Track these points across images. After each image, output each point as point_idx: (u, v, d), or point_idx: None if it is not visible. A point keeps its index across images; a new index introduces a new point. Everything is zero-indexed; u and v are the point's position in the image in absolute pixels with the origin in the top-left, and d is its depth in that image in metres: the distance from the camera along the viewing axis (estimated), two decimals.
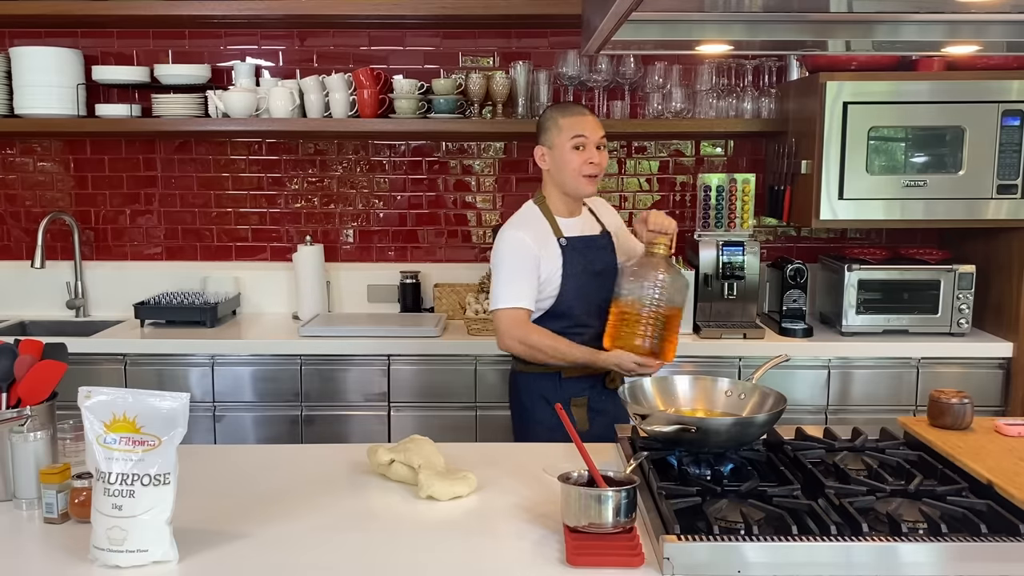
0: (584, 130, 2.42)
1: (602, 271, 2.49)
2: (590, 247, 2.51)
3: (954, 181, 3.07)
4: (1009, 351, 3.11)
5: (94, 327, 3.38)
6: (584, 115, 2.47)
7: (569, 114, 2.46)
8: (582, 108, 2.51)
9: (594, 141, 2.44)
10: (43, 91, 3.35)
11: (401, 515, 1.67)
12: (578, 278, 2.46)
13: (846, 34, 2.19)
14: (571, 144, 2.42)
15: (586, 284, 2.47)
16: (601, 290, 2.47)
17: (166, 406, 1.46)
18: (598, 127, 2.46)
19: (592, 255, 2.50)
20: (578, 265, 2.47)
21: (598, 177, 2.48)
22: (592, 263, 2.49)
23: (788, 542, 1.43)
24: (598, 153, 2.45)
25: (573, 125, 2.43)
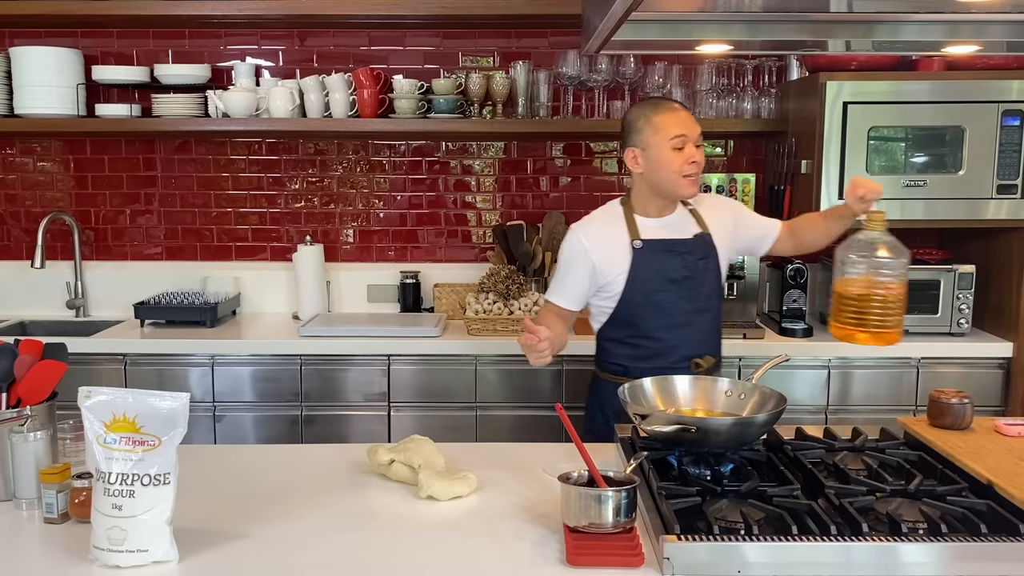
0: (683, 128, 2.24)
1: (681, 280, 2.30)
2: (671, 252, 2.31)
3: (954, 181, 3.07)
4: (1009, 351, 3.11)
5: (94, 327, 3.38)
6: (679, 111, 2.27)
7: (663, 111, 2.27)
8: (673, 103, 2.31)
9: (693, 139, 2.25)
10: (43, 91, 3.35)
11: (401, 515, 1.67)
12: (647, 284, 2.29)
13: (846, 34, 2.19)
14: (670, 144, 2.23)
15: (658, 292, 2.29)
16: (677, 299, 2.29)
17: (166, 406, 1.46)
18: (694, 123, 2.28)
19: (671, 261, 2.30)
20: (649, 270, 2.29)
21: (697, 177, 2.28)
22: (669, 269, 2.30)
23: (788, 542, 1.43)
24: (697, 151, 2.26)
25: (670, 123, 2.24)
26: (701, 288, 2.32)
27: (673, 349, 2.31)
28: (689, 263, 2.31)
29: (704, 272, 2.32)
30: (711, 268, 2.34)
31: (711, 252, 2.35)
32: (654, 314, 2.31)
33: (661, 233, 2.33)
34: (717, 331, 2.42)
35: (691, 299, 2.31)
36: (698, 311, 2.33)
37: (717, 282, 2.37)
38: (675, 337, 2.31)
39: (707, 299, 2.34)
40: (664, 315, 2.30)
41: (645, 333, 2.32)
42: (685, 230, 2.35)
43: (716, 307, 2.39)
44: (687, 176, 2.25)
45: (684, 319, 2.31)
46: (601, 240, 2.33)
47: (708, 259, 2.34)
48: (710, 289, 2.35)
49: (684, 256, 2.31)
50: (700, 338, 2.34)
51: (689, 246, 2.32)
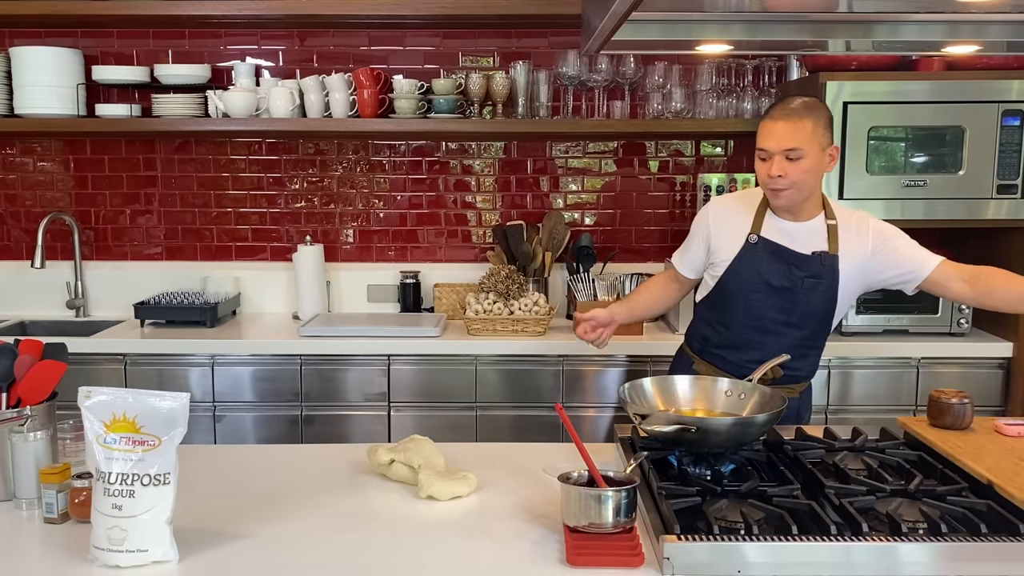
0: (768, 142, 2.15)
1: (780, 288, 2.23)
2: (781, 259, 2.23)
3: (954, 181, 3.07)
4: (1009, 351, 3.11)
5: (94, 327, 3.38)
6: (776, 122, 2.15)
7: (767, 118, 2.18)
8: (779, 110, 2.17)
9: (779, 152, 2.13)
10: (43, 91, 3.35)
11: (401, 515, 1.67)
12: (745, 280, 2.26)
13: (846, 34, 2.18)
14: (758, 154, 2.19)
15: (752, 291, 2.26)
16: (769, 306, 2.25)
17: (166, 406, 1.46)
18: (784, 136, 2.12)
19: (777, 267, 2.23)
20: (753, 268, 2.25)
21: (788, 191, 2.16)
22: (771, 274, 2.23)
23: (788, 542, 1.43)
24: (786, 164, 2.13)
25: (761, 133, 2.17)
26: (799, 305, 2.24)
27: (748, 349, 2.29)
28: (795, 277, 2.23)
29: (810, 291, 2.23)
30: (820, 289, 2.23)
31: (827, 274, 2.23)
32: (742, 311, 2.29)
33: (782, 237, 2.25)
34: (808, 347, 2.32)
35: (784, 311, 2.25)
36: (789, 324, 2.26)
37: (824, 304, 2.25)
38: (756, 339, 2.28)
39: (802, 317, 2.26)
40: (751, 316, 2.28)
41: (728, 325, 2.32)
42: (808, 243, 2.24)
43: (813, 327, 2.28)
44: (771, 189, 2.19)
45: (771, 327, 2.27)
46: (726, 218, 2.33)
47: (820, 280, 2.23)
48: (810, 308, 2.25)
49: (792, 268, 2.23)
50: (782, 348, 2.22)
51: (800, 260, 2.23)
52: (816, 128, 2.14)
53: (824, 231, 2.25)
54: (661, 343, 3.16)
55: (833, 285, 2.23)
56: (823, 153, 2.17)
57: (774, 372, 2.21)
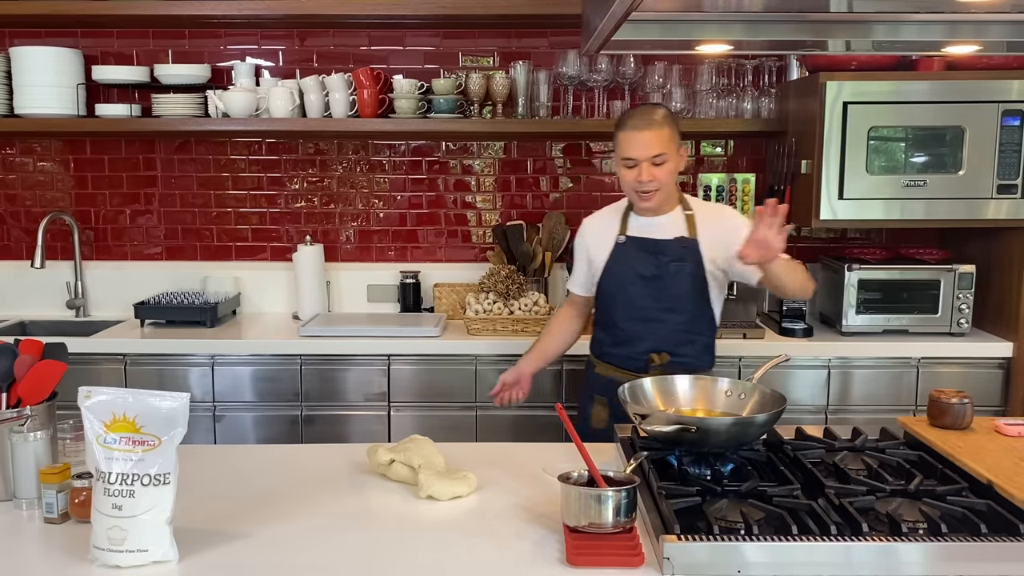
0: (634, 152, 2.31)
1: (650, 277, 2.41)
2: (645, 250, 2.42)
3: (954, 181, 3.07)
4: (1009, 351, 3.11)
5: (94, 327, 3.38)
6: (639, 132, 2.31)
7: (625, 128, 2.34)
8: (639, 120, 2.33)
9: (645, 160, 2.31)
10: (43, 91, 3.35)
11: (401, 515, 1.67)
12: (620, 277, 2.45)
13: (846, 34, 2.18)
14: (623, 163, 2.35)
15: (628, 285, 2.43)
16: (645, 296, 2.42)
17: (166, 406, 1.46)
18: (651, 144, 2.30)
19: (645, 258, 2.42)
20: (625, 265, 2.44)
21: (656, 193, 2.35)
22: (641, 266, 2.42)
23: (788, 542, 1.43)
24: (653, 169, 2.31)
25: (624, 143, 2.33)
26: (670, 289, 2.41)
27: (637, 341, 2.44)
28: (661, 263, 2.41)
29: (675, 274, 2.40)
30: (684, 272, 2.40)
31: (688, 256, 2.41)
32: (622, 306, 2.46)
33: (644, 232, 2.44)
34: (691, 332, 2.45)
35: (658, 297, 2.41)
36: (666, 310, 2.42)
37: (692, 286, 2.41)
38: (640, 329, 2.44)
39: (675, 300, 2.41)
40: (631, 308, 2.45)
41: (614, 322, 2.48)
42: (668, 231, 2.43)
43: (690, 310, 2.43)
44: (639, 192, 2.36)
45: (651, 314, 2.43)
46: (596, 231, 2.53)
47: (683, 262, 2.40)
48: (681, 291, 2.41)
49: (657, 256, 2.41)
50: (666, 335, 2.43)
51: (662, 247, 2.42)
52: (673, 134, 2.35)
53: (683, 220, 2.44)
54: None
55: (698, 266, 2.40)
56: (679, 155, 2.38)
57: (661, 358, 2.40)
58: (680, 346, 2.43)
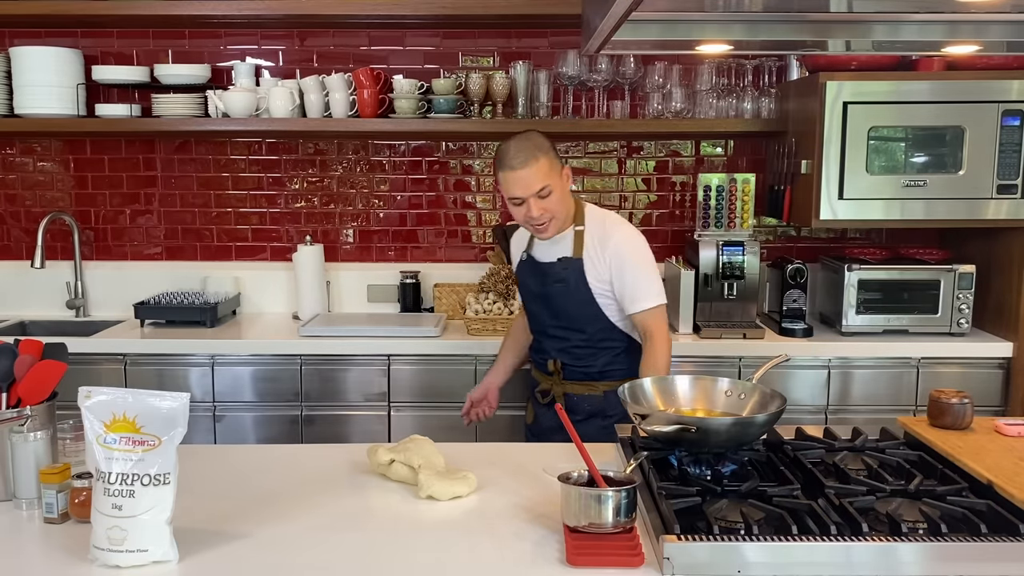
0: (517, 191, 2.32)
1: (539, 296, 2.52)
2: (537, 271, 2.52)
3: (954, 181, 3.07)
4: (1009, 351, 3.11)
5: (94, 327, 3.38)
6: (515, 171, 2.30)
7: (503, 169, 2.33)
8: (514, 160, 2.30)
9: (531, 195, 2.32)
10: (43, 91, 3.35)
11: (401, 515, 1.67)
12: (523, 294, 2.61)
13: (846, 34, 2.18)
14: (510, 201, 2.38)
15: (530, 302, 2.58)
16: (542, 312, 2.53)
17: (166, 406, 1.46)
18: (531, 181, 2.30)
19: (535, 279, 2.52)
20: (524, 283, 2.58)
21: (551, 223, 2.38)
22: (533, 285, 2.53)
23: (788, 542, 1.43)
24: (541, 203, 2.33)
25: (507, 184, 2.34)
26: (560, 308, 2.48)
27: (543, 352, 2.58)
28: (547, 284, 2.48)
29: (560, 295, 2.46)
30: (569, 292, 2.44)
31: (571, 277, 2.44)
32: (530, 318, 2.62)
33: (538, 251, 2.53)
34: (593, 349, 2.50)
35: (552, 315, 2.51)
36: (561, 327, 2.50)
37: (583, 305, 2.45)
38: (543, 342, 2.58)
39: (569, 319, 2.48)
40: (535, 322, 2.60)
41: (531, 331, 2.65)
42: (552, 253, 2.48)
43: (589, 328, 2.47)
44: (535, 227, 2.40)
45: (549, 330, 2.54)
46: (517, 244, 2.64)
47: (566, 283, 2.44)
48: (571, 311, 2.47)
49: (543, 276, 2.49)
50: (566, 349, 2.51)
51: (545, 268, 2.49)
52: (550, 162, 2.35)
53: (571, 238, 2.46)
54: None
55: (581, 286, 2.43)
56: (561, 178, 2.39)
57: (556, 365, 2.52)
58: (579, 357, 2.51)
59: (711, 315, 3.26)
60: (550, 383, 2.57)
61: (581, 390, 2.52)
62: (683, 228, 3.67)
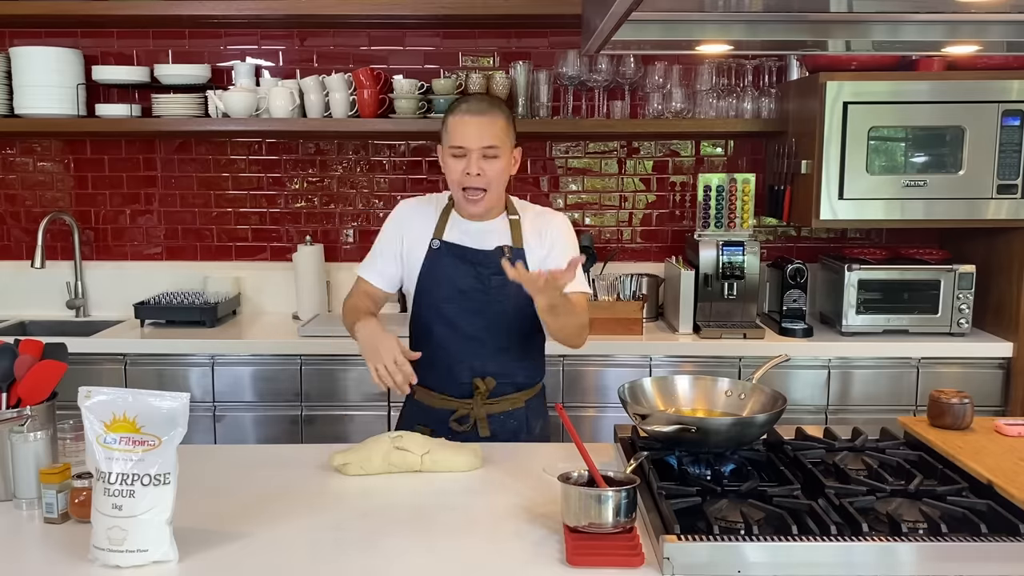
0: (464, 140, 2.05)
1: (470, 291, 2.13)
2: (465, 260, 2.14)
3: (954, 181, 3.07)
4: (1009, 351, 3.11)
5: (94, 327, 3.38)
6: (469, 115, 2.06)
7: (455, 112, 2.08)
8: (474, 106, 2.09)
9: (476, 151, 2.05)
10: (43, 91, 3.35)
11: (401, 515, 1.67)
12: (436, 291, 2.15)
13: (846, 34, 2.18)
14: (450, 152, 2.08)
15: (445, 301, 2.14)
16: (464, 312, 2.13)
17: (166, 406, 1.46)
18: (484, 132, 2.05)
19: (463, 269, 2.14)
20: (440, 276, 2.14)
21: (483, 196, 2.08)
22: (459, 278, 2.13)
23: (788, 542, 1.43)
24: (483, 163, 2.05)
25: (453, 130, 2.07)
26: (493, 305, 2.13)
27: (458, 364, 2.15)
28: (482, 276, 2.13)
29: (500, 288, 2.10)
30: (510, 285, 1.95)
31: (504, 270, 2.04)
32: (440, 323, 2.15)
33: (465, 238, 2.15)
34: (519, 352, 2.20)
35: (480, 314, 2.14)
36: (488, 328, 2.15)
37: (520, 302, 2.08)
38: (460, 351, 2.15)
39: (502, 317, 2.14)
40: (449, 326, 2.15)
41: (432, 341, 2.15)
42: (490, 240, 2.15)
43: (517, 328, 2.17)
44: (466, 189, 2.08)
45: (473, 333, 2.14)
46: (414, 222, 2.19)
47: (499, 277, 2.05)
48: (506, 307, 2.13)
49: (477, 267, 2.13)
50: (491, 357, 2.16)
51: (482, 257, 2.14)
52: (507, 126, 2.10)
53: (507, 227, 2.17)
54: (661, 343, 3.16)
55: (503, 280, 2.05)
56: (511, 153, 2.13)
57: (487, 384, 2.14)
58: (507, 365, 2.18)
59: (711, 315, 3.26)
60: (468, 407, 2.15)
61: (504, 407, 2.18)
62: (683, 228, 3.67)
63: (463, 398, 2.17)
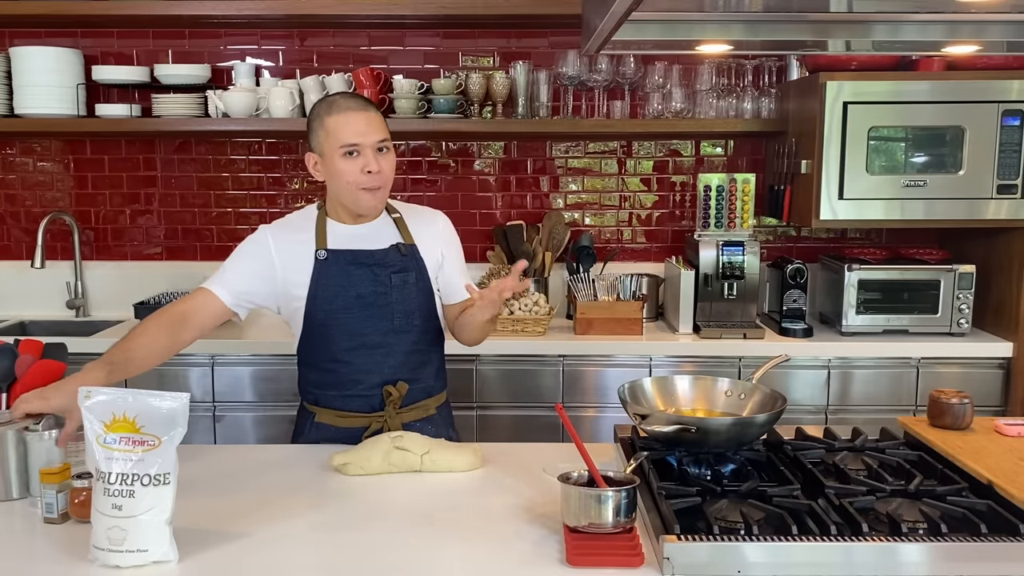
0: (356, 136, 1.96)
1: (370, 295, 2.04)
2: (359, 263, 2.04)
3: (954, 181, 3.07)
4: (1009, 351, 3.11)
5: (94, 327, 3.38)
6: (356, 112, 1.97)
7: (336, 111, 1.97)
8: (354, 102, 2.00)
9: (370, 145, 1.97)
10: (43, 91, 3.35)
11: (400, 515, 1.67)
12: (331, 300, 2.03)
13: (846, 34, 2.18)
14: (340, 152, 1.97)
15: (343, 310, 2.04)
16: (367, 318, 2.04)
17: (166, 406, 1.46)
18: (374, 127, 1.98)
19: (359, 274, 2.04)
20: (334, 285, 2.03)
21: (381, 190, 2.01)
22: (356, 284, 2.04)
23: (788, 542, 1.43)
24: (379, 158, 1.98)
25: (341, 129, 1.96)
26: (397, 305, 2.06)
27: (365, 375, 2.07)
28: (381, 277, 2.05)
29: (401, 287, 2.06)
30: (410, 283, 2.04)
31: (412, 266, 2.08)
32: (340, 334, 2.05)
33: (352, 243, 2.06)
34: (424, 352, 2.13)
35: (385, 317, 2.05)
36: (394, 331, 2.07)
37: (420, 299, 2.08)
38: (364, 361, 2.06)
39: (405, 318, 2.07)
40: (351, 336, 2.05)
41: (334, 356, 2.06)
42: (380, 239, 2.08)
43: (418, 326, 2.09)
44: (365, 189, 1.99)
45: (378, 339, 2.06)
46: (289, 246, 2.07)
47: (406, 273, 2.06)
48: (410, 307, 2.07)
49: (374, 269, 2.05)
50: (398, 362, 2.08)
51: (379, 257, 2.06)
52: (384, 123, 2.04)
53: (392, 225, 2.11)
54: (661, 343, 3.16)
55: (423, 275, 2.09)
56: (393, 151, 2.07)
57: (399, 389, 2.07)
58: (415, 369, 2.11)
59: (711, 315, 3.26)
60: (381, 420, 2.06)
61: (417, 415, 2.12)
62: (683, 228, 3.67)
63: (373, 411, 2.08)
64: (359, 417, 2.08)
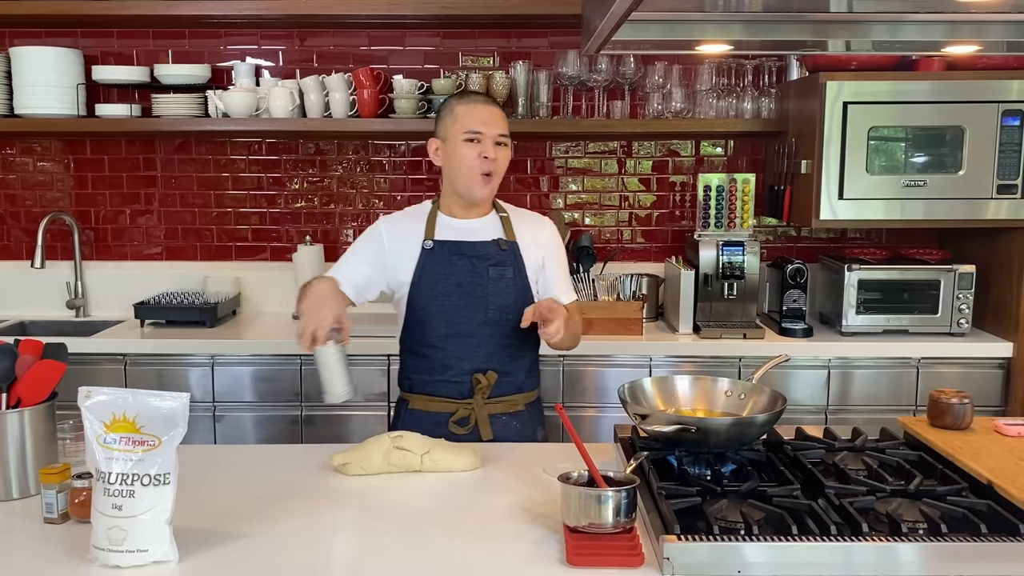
0: (480, 125, 2.12)
1: (467, 285, 2.13)
2: (460, 254, 2.15)
3: (954, 181, 3.07)
4: (1009, 351, 3.11)
5: (94, 327, 3.38)
6: (486, 107, 2.15)
7: (467, 102, 2.16)
8: (483, 97, 2.21)
9: (491, 137, 2.13)
10: (43, 91, 3.35)
11: (401, 515, 1.67)
12: (431, 287, 2.14)
13: (846, 34, 2.18)
14: (463, 137, 2.12)
15: (441, 297, 2.14)
16: (463, 307, 2.13)
17: (166, 406, 1.46)
18: (498, 120, 2.15)
19: (459, 264, 2.14)
20: (435, 273, 2.14)
21: (493, 177, 2.14)
22: (456, 273, 2.13)
23: (788, 542, 1.43)
24: (497, 150, 2.13)
25: (469, 116, 2.13)
26: (492, 298, 2.14)
27: (457, 362, 2.15)
28: (478, 268, 2.14)
29: (497, 281, 2.14)
30: (505, 278, 2.15)
31: (510, 261, 2.17)
32: (437, 321, 2.15)
33: (457, 235, 2.18)
34: (517, 347, 2.19)
35: (479, 308, 2.14)
36: (489, 323, 2.14)
37: (515, 294, 2.16)
38: (458, 349, 2.14)
39: (500, 311, 2.14)
40: (447, 323, 2.14)
41: (429, 342, 2.16)
42: (483, 233, 2.20)
43: (513, 321, 2.11)
44: (480, 175, 2.12)
45: (471, 330, 2.14)
46: (398, 234, 2.20)
47: (504, 267, 2.16)
48: (505, 301, 2.15)
49: (473, 260, 2.15)
50: (490, 352, 2.15)
51: (479, 249, 2.16)
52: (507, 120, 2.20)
53: (498, 223, 2.23)
54: (661, 343, 3.16)
55: (520, 272, 2.18)
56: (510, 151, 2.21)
57: (488, 378, 2.13)
58: (507, 363, 2.18)
59: (711, 315, 3.26)
60: (469, 407, 2.14)
61: (505, 408, 2.18)
62: (683, 228, 3.67)
63: (462, 399, 2.16)
64: (448, 402, 2.16)
